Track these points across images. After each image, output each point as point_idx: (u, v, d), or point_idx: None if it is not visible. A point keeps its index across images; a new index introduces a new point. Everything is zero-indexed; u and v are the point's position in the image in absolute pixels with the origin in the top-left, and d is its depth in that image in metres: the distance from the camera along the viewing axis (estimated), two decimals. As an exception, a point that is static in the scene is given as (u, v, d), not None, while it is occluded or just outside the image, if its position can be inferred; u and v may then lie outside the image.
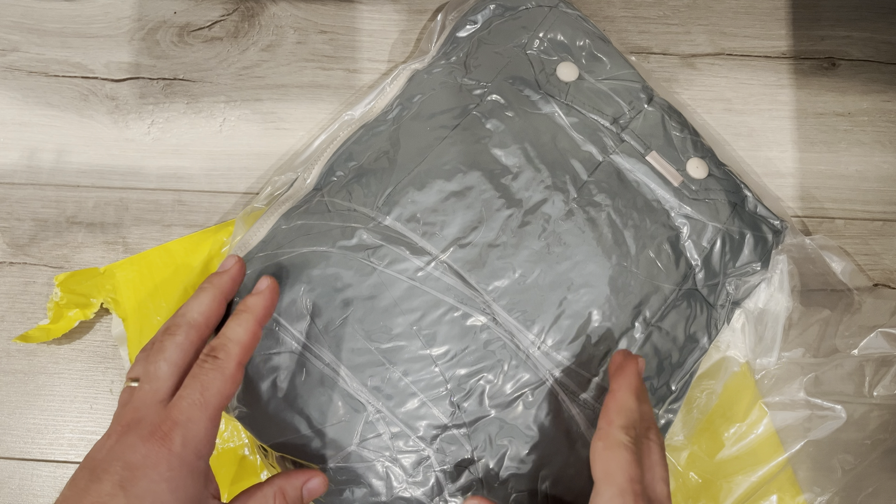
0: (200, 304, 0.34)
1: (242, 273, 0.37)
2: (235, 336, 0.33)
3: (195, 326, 0.33)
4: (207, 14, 0.51)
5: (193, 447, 0.30)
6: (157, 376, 0.31)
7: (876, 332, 0.44)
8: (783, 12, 0.52)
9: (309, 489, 0.34)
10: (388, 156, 0.43)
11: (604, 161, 0.43)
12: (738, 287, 0.44)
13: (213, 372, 0.31)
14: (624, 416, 0.32)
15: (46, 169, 0.49)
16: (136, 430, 0.30)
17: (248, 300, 0.35)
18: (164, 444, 0.29)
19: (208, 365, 0.32)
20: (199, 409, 0.30)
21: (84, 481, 0.29)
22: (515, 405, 0.39)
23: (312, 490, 0.34)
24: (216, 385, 0.31)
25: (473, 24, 0.46)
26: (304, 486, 0.34)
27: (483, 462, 0.39)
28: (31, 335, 0.44)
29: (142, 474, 0.28)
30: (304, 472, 0.34)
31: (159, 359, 0.32)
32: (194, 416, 0.30)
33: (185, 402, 0.30)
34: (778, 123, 0.50)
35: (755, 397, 0.44)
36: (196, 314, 0.34)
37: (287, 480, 0.33)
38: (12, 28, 0.51)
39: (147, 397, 0.31)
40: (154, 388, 0.31)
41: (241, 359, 0.32)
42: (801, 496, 0.43)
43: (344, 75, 0.50)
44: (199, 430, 0.30)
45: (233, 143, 0.49)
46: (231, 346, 0.32)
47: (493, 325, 0.40)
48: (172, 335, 0.33)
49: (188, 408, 0.30)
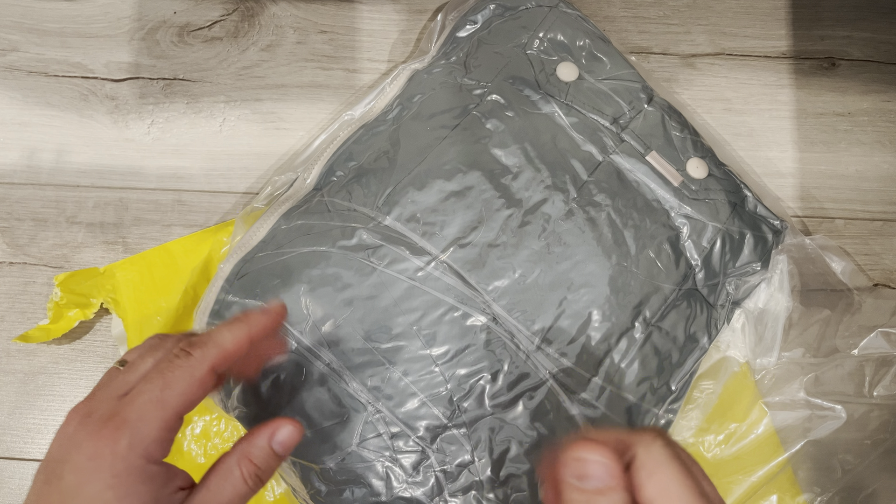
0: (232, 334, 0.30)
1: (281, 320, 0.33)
2: (220, 339, 0.29)
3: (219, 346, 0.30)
4: (207, 14, 0.51)
5: (142, 450, 0.26)
6: (137, 369, 0.28)
7: (876, 332, 0.44)
8: (783, 12, 0.52)
9: (280, 443, 0.29)
10: (388, 156, 0.43)
11: (604, 161, 0.43)
12: (738, 287, 0.44)
13: (181, 370, 0.28)
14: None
15: (46, 169, 0.49)
16: (86, 424, 0.27)
17: (252, 313, 0.32)
18: (109, 444, 0.26)
19: (179, 361, 0.28)
20: (155, 407, 0.27)
21: (40, 483, 0.27)
22: (515, 405, 0.39)
23: (284, 442, 0.30)
24: (181, 385, 0.27)
25: (473, 24, 0.46)
26: (273, 442, 0.29)
27: (483, 462, 0.39)
28: (31, 335, 0.44)
29: (87, 480, 0.26)
30: (268, 425, 0.30)
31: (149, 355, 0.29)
32: (147, 415, 0.26)
33: (142, 397, 0.27)
34: (778, 123, 0.50)
35: (755, 397, 0.44)
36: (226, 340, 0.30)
37: (250, 442, 0.29)
38: (12, 28, 0.51)
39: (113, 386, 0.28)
40: (121, 380, 0.28)
41: (215, 363, 0.29)
42: (801, 496, 0.43)
43: (344, 75, 0.50)
44: (150, 431, 0.27)
45: (233, 143, 0.49)
46: (210, 348, 0.29)
47: (493, 325, 0.40)
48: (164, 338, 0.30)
49: (143, 404, 0.27)
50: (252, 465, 0.28)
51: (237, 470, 0.28)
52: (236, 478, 0.28)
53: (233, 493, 0.28)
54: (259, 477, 0.29)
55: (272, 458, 0.29)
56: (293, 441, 0.30)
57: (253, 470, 0.28)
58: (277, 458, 0.29)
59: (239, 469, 0.28)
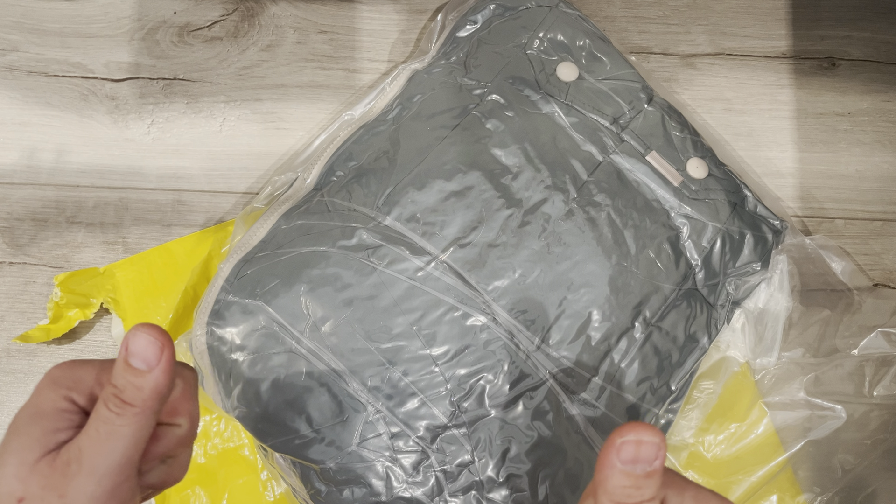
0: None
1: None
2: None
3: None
4: (207, 14, 0.51)
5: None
6: None
7: (876, 332, 0.44)
8: (783, 12, 0.52)
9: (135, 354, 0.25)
10: (388, 156, 0.43)
11: (604, 161, 0.43)
12: (738, 287, 0.44)
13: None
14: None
15: (46, 169, 0.49)
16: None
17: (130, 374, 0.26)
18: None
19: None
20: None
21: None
22: (515, 405, 0.39)
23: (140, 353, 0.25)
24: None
25: (473, 24, 0.46)
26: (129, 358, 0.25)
27: (483, 462, 0.39)
28: (31, 335, 0.44)
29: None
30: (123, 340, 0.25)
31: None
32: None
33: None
34: (778, 123, 0.50)
35: (755, 397, 0.44)
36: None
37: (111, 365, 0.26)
38: (12, 28, 0.51)
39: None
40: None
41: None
42: (801, 496, 0.43)
43: (344, 75, 0.50)
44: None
45: (233, 143, 0.49)
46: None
47: (493, 325, 0.40)
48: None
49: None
50: (112, 387, 0.25)
51: (101, 400, 0.25)
52: (100, 408, 0.25)
53: (96, 422, 0.25)
54: (119, 398, 0.25)
55: (129, 373, 0.25)
56: (150, 351, 0.25)
57: (110, 391, 0.25)
58: (139, 373, 0.25)
59: (102, 397, 0.25)
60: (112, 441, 0.25)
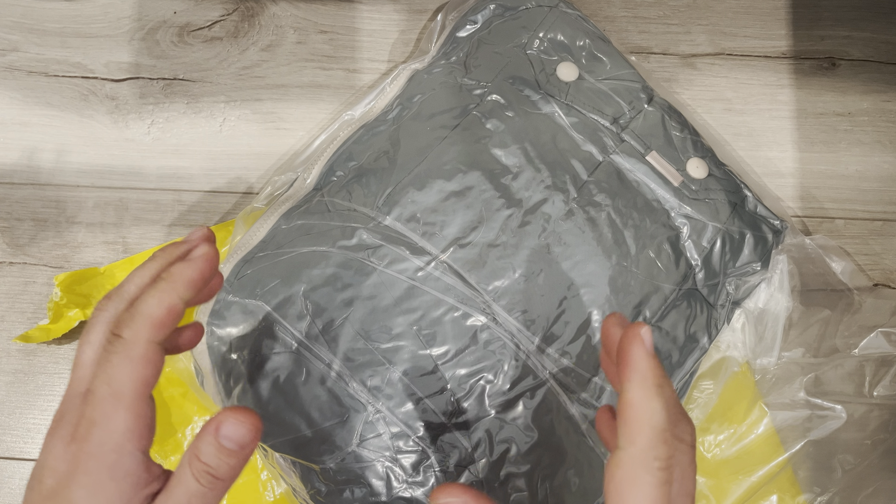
0: (143, 275, 0.29)
1: (207, 243, 0.30)
2: (146, 309, 0.28)
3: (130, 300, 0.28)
4: (207, 14, 0.51)
5: (112, 446, 0.26)
6: (80, 363, 0.28)
7: (876, 332, 0.44)
8: (783, 12, 0.52)
9: (226, 437, 0.27)
10: (388, 156, 0.43)
11: (604, 161, 0.43)
12: (738, 287, 0.44)
13: (118, 356, 0.27)
14: (646, 428, 0.24)
15: (46, 169, 0.49)
16: (58, 433, 0.27)
17: (174, 267, 0.29)
18: (83, 446, 0.26)
19: (112, 347, 0.27)
20: (111, 402, 0.26)
21: (28, 489, 0.27)
22: (515, 405, 0.39)
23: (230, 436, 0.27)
24: (124, 372, 0.27)
25: (473, 24, 0.46)
26: (220, 438, 0.27)
27: (483, 462, 0.39)
28: (31, 335, 0.44)
29: (64, 482, 0.26)
30: (212, 420, 0.28)
31: (83, 342, 0.28)
32: (107, 412, 0.26)
33: (95, 395, 0.27)
34: (778, 123, 0.50)
35: (755, 397, 0.44)
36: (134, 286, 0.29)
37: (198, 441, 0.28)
38: (12, 28, 0.51)
39: (71, 390, 0.28)
40: (77, 376, 0.28)
41: (150, 336, 0.27)
42: (801, 496, 0.43)
43: (344, 75, 0.50)
44: (116, 425, 0.26)
45: (233, 143, 0.49)
46: (138, 323, 0.27)
47: (493, 325, 0.40)
48: (102, 310, 0.28)
49: (100, 402, 0.27)
50: (200, 463, 0.27)
51: (188, 470, 0.27)
52: (188, 478, 0.27)
53: (187, 494, 0.27)
54: (212, 475, 0.27)
55: (223, 453, 0.27)
56: (240, 433, 0.27)
57: (201, 468, 0.27)
58: (231, 453, 0.27)
59: (189, 468, 0.27)
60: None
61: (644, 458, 0.24)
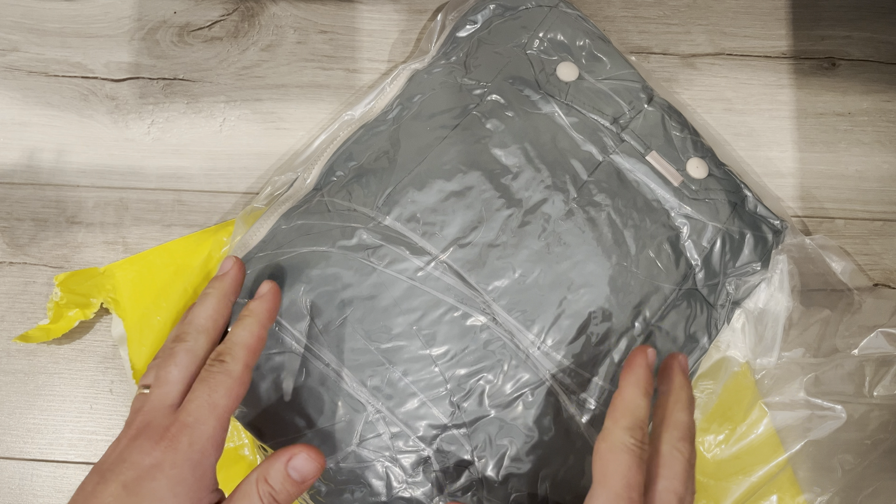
0: (206, 310, 0.35)
1: (243, 273, 0.37)
2: (241, 339, 0.34)
3: (203, 331, 0.34)
4: (207, 14, 0.51)
5: (200, 447, 0.30)
6: (168, 381, 0.32)
7: (876, 332, 0.44)
8: (783, 12, 0.52)
9: (295, 468, 0.32)
10: (388, 156, 0.43)
11: (604, 161, 0.43)
12: (738, 287, 0.44)
13: (221, 375, 0.32)
14: (629, 415, 0.31)
15: (46, 169, 0.49)
16: (146, 434, 0.30)
17: (252, 305, 0.36)
18: (173, 445, 0.30)
19: (215, 368, 0.32)
20: (208, 410, 0.31)
21: (92, 485, 0.30)
22: (515, 405, 0.39)
23: (299, 469, 0.32)
24: (224, 387, 0.32)
25: (473, 24, 0.46)
26: (289, 467, 0.32)
27: (483, 462, 0.39)
28: (31, 335, 0.44)
29: (148, 476, 0.29)
30: (285, 451, 0.32)
31: (169, 364, 0.33)
32: (202, 418, 0.31)
33: (194, 404, 0.31)
34: (778, 123, 0.50)
35: (755, 397, 0.44)
36: (203, 319, 0.34)
37: (269, 463, 0.32)
38: (12, 28, 0.51)
39: (157, 402, 0.32)
40: (164, 392, 0.32)
41: (247, 361, 0.33)
42: (801, 496, 0.43)
43: (344, 75, 0.50)
44: (206, 430, 0.31)
45: (233, 143, 0.49)
46: (237, 350, 0.33)
47: (492, 325, 0.40)
48: (182, 341, 0.33)
49: (196, 409, 0.31)
50: (267, 486, 0.31)
51: (254, 488, 0.31)
52: (253, 496, 0.31)
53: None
54: (274, 498, 0.31)
55: (288, 482, 0.31)
56: (308, 469, 0.32)
57: (268, 490, 0.31)
58: (294, 483, 0.31)
59: (256, 487, 0.31)
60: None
61: (622, 435, 0.31)
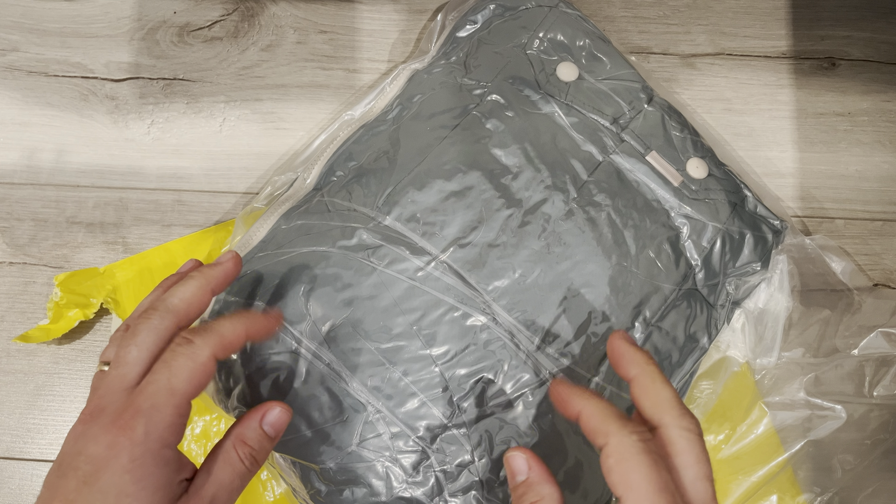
0: (184, 292, 0.32)
1: (237, 269, 0.35)
2: (219, 328, 0.31)
3: (174, 312, 0.31)
4: (207, 14, 0.51)
5: (157, 436, 0.28)
6: (126, 361, 0.30)
7: (876, 332, 0.44)
8: (783, 12, 0.52)
9: (269, 424, 0.31)
10: (388, 156, 0.43)
11: (604, 161, 0.43)
12: (738, 287, 0.44)
13: (184, 358, 0.29)
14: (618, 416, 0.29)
15: (46, 169, 0.49)
16: (99, 420, 0.28)
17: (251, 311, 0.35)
18: (126, 433, 0.27)
19: (181, 349, 0.30)
20: (166, 395, 0.28)
21: (53, 477, 0.28)
22: (515, 405, 0.39)
23: (273, 423, 0.31)
24: (186, 371, 0.29)
25: (473, 24, 0.46)
26: (263, 423, 0.31)
27: (483, 462, 0.39)
28: (31, 335, 0.44)
29: (105, 467, 0.27)
30: (258, 409, 0.31)
31: (130, 342, 0.30)
32: (159, 404, 0.28)
33: (152, 387, 0.29)
34: (778, 123, 0.50)
35: (755, 397, 0.44)
36: (177, 300, 0.32)
37: (243, 425, 0.31)
38: (12, 28, 0.51)
39: (113, 383, 0.29)
40: (121, 373, 0.29)
41: (217, 351, 0.30)
42: (801, 496, 0.43)
43: (344, 75, 0.50)
44: (163, 418, 0.28)
45: (233, 143, 0.49)
46: (210, 335, 0.30)
47: (493, 325, 0.40)
48: (148, 318, 0.30)
49: (154, 394, 0.28)
50: (246, 447, 0.31)
51: (233, 452, 0.30)
52: (233, 458, 0.30)
53: (232, 473, 0.30)
54: (254, 457, 0.31)
55: (264, 439, 0.31)
56: (282, 422, 0.32)
57: (248, 451, 0.30)
58: (269, 440, 0.31)
59: (235, 451, 0.30)
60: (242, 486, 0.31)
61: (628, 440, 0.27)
